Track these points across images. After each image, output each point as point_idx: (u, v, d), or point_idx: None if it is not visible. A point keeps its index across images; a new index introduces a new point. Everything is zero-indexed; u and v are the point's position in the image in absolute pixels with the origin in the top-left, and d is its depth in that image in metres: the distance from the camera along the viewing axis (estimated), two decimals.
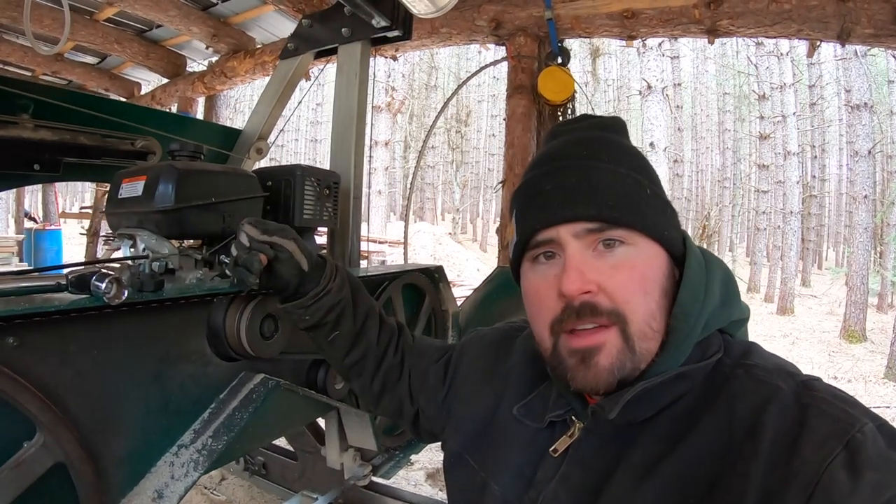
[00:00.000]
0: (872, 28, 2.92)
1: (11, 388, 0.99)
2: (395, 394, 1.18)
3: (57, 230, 11.92)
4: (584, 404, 0.83)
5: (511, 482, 0.86)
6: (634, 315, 0.74)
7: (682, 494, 0.68)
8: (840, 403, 0.66)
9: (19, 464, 1.01)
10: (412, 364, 1.18)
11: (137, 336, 1.23)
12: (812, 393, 0.67)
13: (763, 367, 0.73)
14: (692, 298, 0.77)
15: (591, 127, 0.89)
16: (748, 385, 0.71)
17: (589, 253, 0.76)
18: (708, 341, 0.79)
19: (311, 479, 2.38)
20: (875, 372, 9.96)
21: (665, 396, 0.75)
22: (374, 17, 1.95)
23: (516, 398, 0.94)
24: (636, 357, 0.74)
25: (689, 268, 0.79)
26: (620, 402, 0.74)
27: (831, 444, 0.60)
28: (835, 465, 0.59)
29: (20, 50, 5.53)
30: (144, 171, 1.40)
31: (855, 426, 0.62)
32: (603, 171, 0.78)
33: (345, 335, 1.14)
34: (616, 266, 0.75)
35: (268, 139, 2.41)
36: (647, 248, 0.77)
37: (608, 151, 0.81)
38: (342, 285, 1.12)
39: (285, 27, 4.91)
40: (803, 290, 20.45)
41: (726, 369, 0.76)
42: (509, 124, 3.81)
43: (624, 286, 0.74)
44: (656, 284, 0.76)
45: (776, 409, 0.66)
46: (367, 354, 1.17)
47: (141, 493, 1.22)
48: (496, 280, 2.51)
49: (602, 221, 0.75)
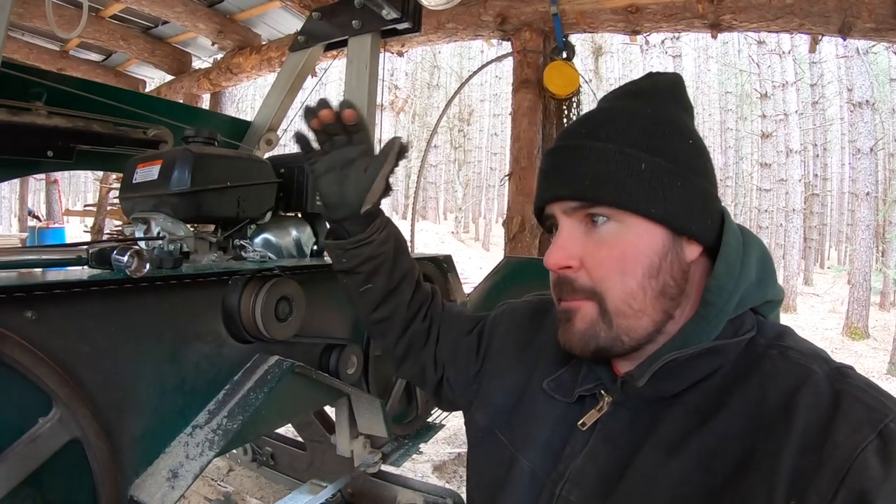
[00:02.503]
0: (873, 22, 2.94)
1: (30, 362, 0.99)
2: (418, 359, 1.18)
3: (60, 228, 11.95)
4: (613, 377, 0.83)
5: (540, 457, 0.86)
6: (610, 293, 0.76)
7: (710, 471, 0.68)
8: (874, 392, 0.66)
9: (34, 439, 1.00)
10: (442, 333, 1.18)
11: (154, 314, 1.24)
12: (846, 380, 0.67)
13: (798, 350, 0.73)
14: (727, 273, 0.77)
15: (620, 95, 0.88)
16: (782, 366, 0.71)
17: (581, 228, 0.79)
18: (741, 319, 0.78)
19: (320, 468, 2.38)
20: (878, 368, 10.01)
21: (696, 370, 0.75)
22: (384, 9, 1.96)
23: (547, 373, 0.94)
24: (614, 331, 0.76)
25: (727, 243, 0.78)
26: (650, 371, 0.74)
27: (865, 431, 0.60)
28: (868, 452, 0.59)
29: (25, 47, 5.56)
30: (160, 155, 1.42)
31: (889, 415, 0.62)
32: (590, 150, 0.78)
33: (377, 290, 1.13)
34: (599, 243, 0.77)
35: (277, 130, 2.43)
36: (637, 225, 0.76)
37: (610, 126, 0.79)
38: (386, 239, 1.11)
39: (291, 23, 4.93)
40: (805, 288, 20.44)
41: (759, 349, 0.75)
42: (515, 118, 3.83)
43: (601, 264, 0.76)
44: (637, 263, 0.75)
45: (810, 392, 0.66)
46: (395, 315, 1.16)
47: (155, 473, 1.22)
48: (504, 270, 2.52)
49: (579, 199, 0.77)
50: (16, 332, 0.98)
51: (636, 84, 0.88)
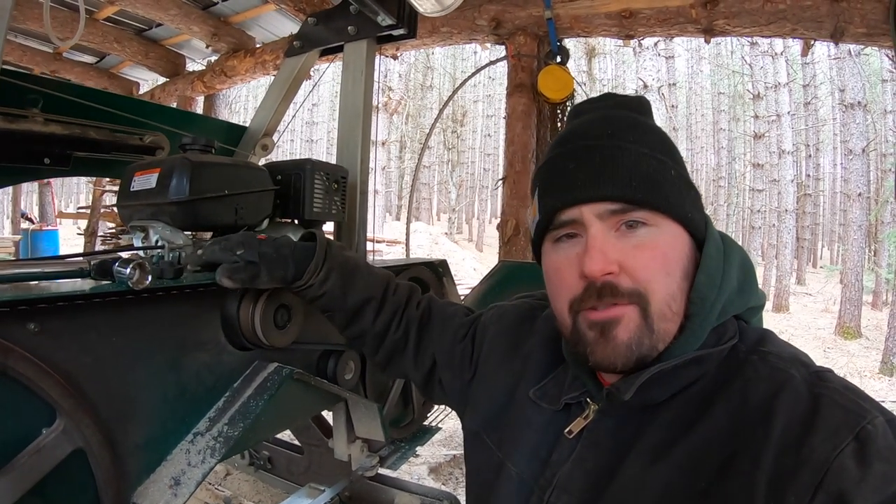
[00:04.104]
0: (865, 27, 2.97)
1: (33, 374, 0.99)
2: (400, 364, 1.22)
3: (54, 231, 11.88)
4: (599, 386, 0.83)
5: (527, 463, 0.87)
6: (655, 295, 0.74)
7: (694, 477, 0.69)
8: (852, 395, 0.67)
9: (39, 450, 1.01)
10: (435, 334, 1.20)
11: (155, 324, 1.24)
12: (825, 383, 0.68)
13: (777, 355, 0.74)
14: (709, 283, 0.78)
15: (615, 105, 0.88)
16: (762, 372, 0.72)
17: (611, 233, 0.76)
18: (724, 327, 0.79)
19: (318, 472, 2.39)
20: (870, 367, 10.07)
21: (680, 380, 0.76)
22: (379, 15, 1.97)
23: (533, 381, 0.95)
24: (654, 336, 0.75)
25: (708, 252, 0.80)
26: (636, 384, 0.75)
27: (842, 434, 0.62)
28: (845, 455, 0.60)
29: (18, 49, 5.53)
30: (157, 163, 1.42)
31: (866, 418, 0.63)
32: (627, 152, 0.77)
33: (337, 319, 1.21)
34: (638, 246, 0.75)
35: (273, 136, 2.43)
36: (670, 229, 0.77)
37: (633, 131, 0.80)
38: (325, 279, 1.17)
39: (285, 27, 4.93)
40: (798, 287, 20.55)
41: (741, 355, 0.76)
42: (509, 122, 3.85)
43: (646, 266, 0.75)
44: (678, 265, 0.77)
45: (789, 397, 0.67)
46: (364, 335, 1.21)
47: (158, 481, 1.23)
48: (499, 274, 2.53)
49: (625, 202, 0.75)
50: (19, 344, 0.98)
51: (619, 97, 0.90)
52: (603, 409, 0.82)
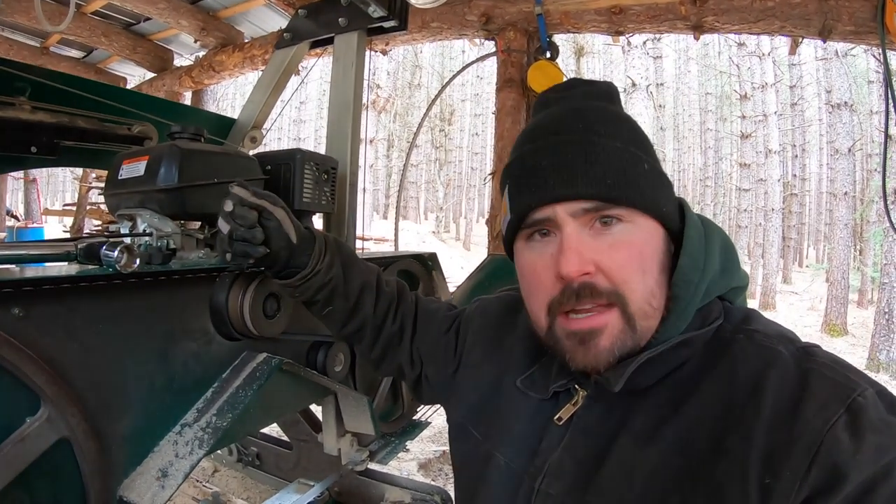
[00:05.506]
0: (853, 25, 2.98)
1: (17, 360, 0.97)
2: (395, 359, 1.19)
3: (39, 228, 11.76)
4: (587, 375, 0.83)
5: (515, 452, 0.87)
6: (634, 294, 0.74)
7: (685, 457, 0.69)
8: (840, 369, 0.67)
9: (23, 438, 0.99)
10: (419, 329, 1.18)
11: (142, 311, 1.23)
12: (813, 358, 0.69)
13: (763, 333, 0.74)
14: (692, 265, 0.77)
15: (584, 96, 0.86)
16: (749, 349, 0.72)
17: (586, 232, 0.75)
18: (708, 308, 0.79)
19: (307, 467, 2.37)
20: (857, 364, 10.02)
21: (668, 364, 0.76)
22: (371, 6, 1.96)
23: (519, 371, 0.95)
24: (637, 335, 0.75)
25: (689, 235, 0.79)
26: (625, 375, 0.75)
27: (833, 407, 0.62)
28: (837, 427, 0.60)
29: (5, 43, 5.46)
30: (146, 151, 1.41)
31: (856, 390, 0.63)
32: (601, 147, 0.75)
33: (338, 310, 1.15)
34: (614, 245, 0.74)
35: (262, 128, 2.42)
36: (645, 224, 0.76)
37: (605, 124, 0.78)
38: (331, 264, 1.11)
39: (274, 21, 4.90)
40: (784, 286, 20.68)
41: (727, 335, 0.76)
42: (499, 117, 3.84)
43: (622, 266, 0.73)
44: (654, 261, 0.76)
45: (777, 373, 0.67)
46: (364, 326, 1.17)
47: (145, 472, 1.21)
48: (488, 268, 2.54)
49: (601, 200, 0.74)
50: (3, 328, 0.96)
51: (586, 86, 0.88)
52: (592, 396, 0.82)
